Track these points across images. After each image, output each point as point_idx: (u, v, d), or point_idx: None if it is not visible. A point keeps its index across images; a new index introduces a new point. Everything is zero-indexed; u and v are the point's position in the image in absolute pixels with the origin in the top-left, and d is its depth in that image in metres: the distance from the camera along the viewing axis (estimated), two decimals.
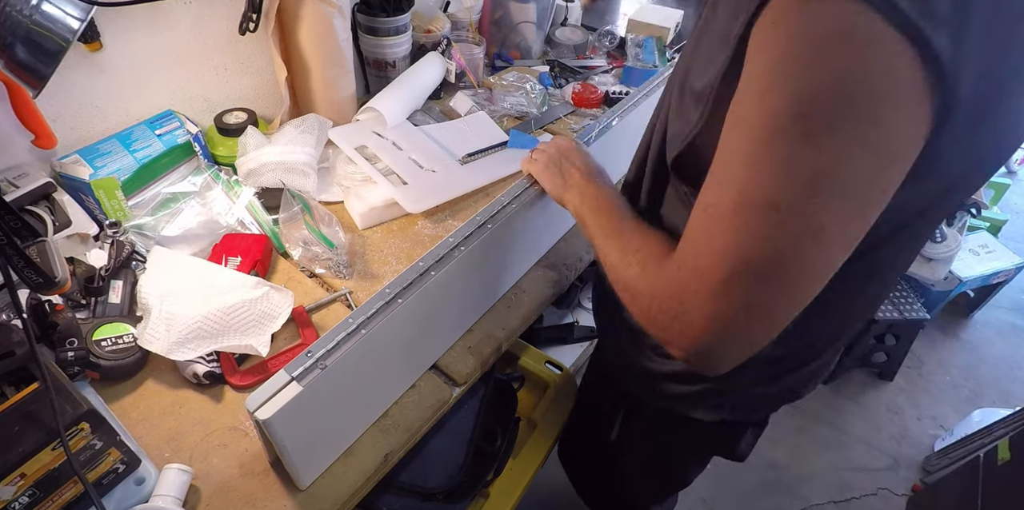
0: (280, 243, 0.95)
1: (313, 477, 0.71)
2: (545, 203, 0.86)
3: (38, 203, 0.85)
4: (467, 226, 0.76)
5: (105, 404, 0.74)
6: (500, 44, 1.45)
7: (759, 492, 1.71)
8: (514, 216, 0.80)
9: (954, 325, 2.23)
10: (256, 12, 0.95)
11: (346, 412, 0.71)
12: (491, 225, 0.77)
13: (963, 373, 2.08)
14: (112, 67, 0.90)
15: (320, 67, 1.04)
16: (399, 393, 0.81)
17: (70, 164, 0.88)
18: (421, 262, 0.70)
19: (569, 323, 1.67)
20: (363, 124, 1.11)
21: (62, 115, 0.88)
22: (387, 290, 0.66)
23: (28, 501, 0.59)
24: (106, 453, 0.63)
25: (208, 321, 0.75)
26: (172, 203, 0.96)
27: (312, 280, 0.93)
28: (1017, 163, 2.84)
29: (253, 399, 0.57)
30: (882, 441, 1.87)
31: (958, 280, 1.95)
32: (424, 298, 0.70)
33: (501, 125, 1.21)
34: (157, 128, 0.96)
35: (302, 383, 0.58)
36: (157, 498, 0.65)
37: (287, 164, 0.97)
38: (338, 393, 0.66)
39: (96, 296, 0.81)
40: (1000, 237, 2.16)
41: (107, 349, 0.75)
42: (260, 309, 0.80)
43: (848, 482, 1.75)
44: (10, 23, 0.65)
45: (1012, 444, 1.39)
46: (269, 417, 0.56)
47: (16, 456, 0.55)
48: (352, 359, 0.63)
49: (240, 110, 1.04)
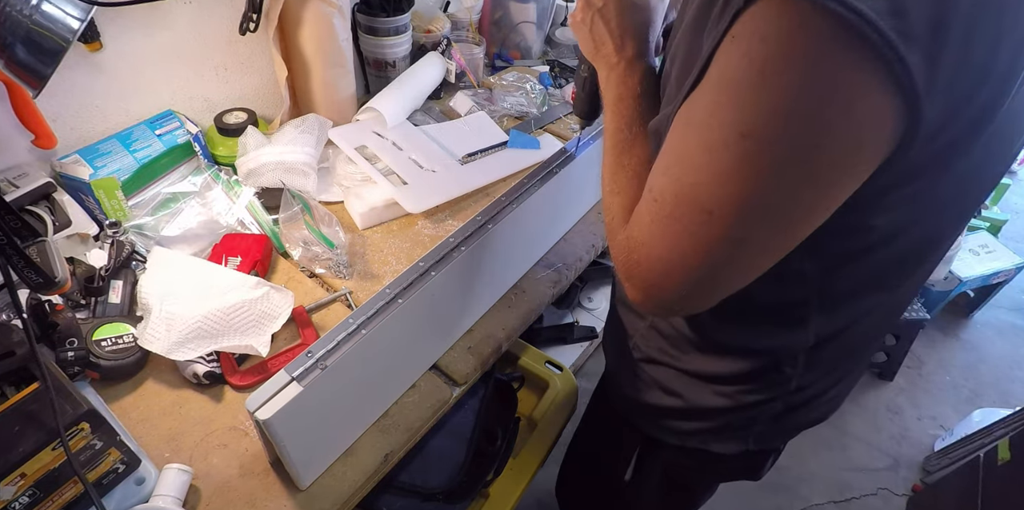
0: (280, 243, 0.95)
1: (313, 477, 0.71)
2: (545, 202, 0.86)
3: (38, 203, 0.85)
4: (467, 226, 0.76)
5: (105, 404, 0.74)
6: (500, 44, 1.45)
7: (759, 492, 1.70)
8: (514, 216, 0.80)
9: (954, 325, 2.23)
10: (256, 12, 0.95)
11: (346, 412, 0.71)
12: (491, 225, 0.77)
13: (963, 373, 2.08)
14: (112, 67, 0.90)
15: (320, 67, 1.04)
16: (399, 393, 0.81)
17: (70, 164, 0.88)
18: (421, 262, 0.70)
19: (569, 323, 1.67)
20: (363, 124, 1.11)
21: (62, 115, 0.88)
22: (387, 290, 0.66)
23: (28, 501, 0.59)
24: (106, 453, 0.63)
25: (208, 321, 0.75)
26: (172, 203, 0.96)
27: (312, 280, 0.93)
28: (1017, 163, 2.84)
29: (253, 399, 0.57)
30: (882, 441, 1.87)
31: (958, 280, 1.95)
32: (424, 298, 0.70)
33: (501, 125, 1.21)
34: (157, 128, 0.96)
35: (302, 383, 0.58)
36: (157, 498, 0.65)
37: (287, 164, 0.97)
38: (338, 393, 0.66)
39: (96, 296, 0.81)
40: (1000, 237, 2.16)
41: (107, 349, 0.75)
42: (260, 309, 0.80)
43: (848, 482, 1.75)
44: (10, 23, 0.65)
45: (1012, 444, 1.39)
46: (269, 417, 0.56)
47: (16, 456, 0.55)
48: (352, 359, 0.63)
49: (240, 110, 1.03)
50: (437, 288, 0.71)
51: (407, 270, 0.69)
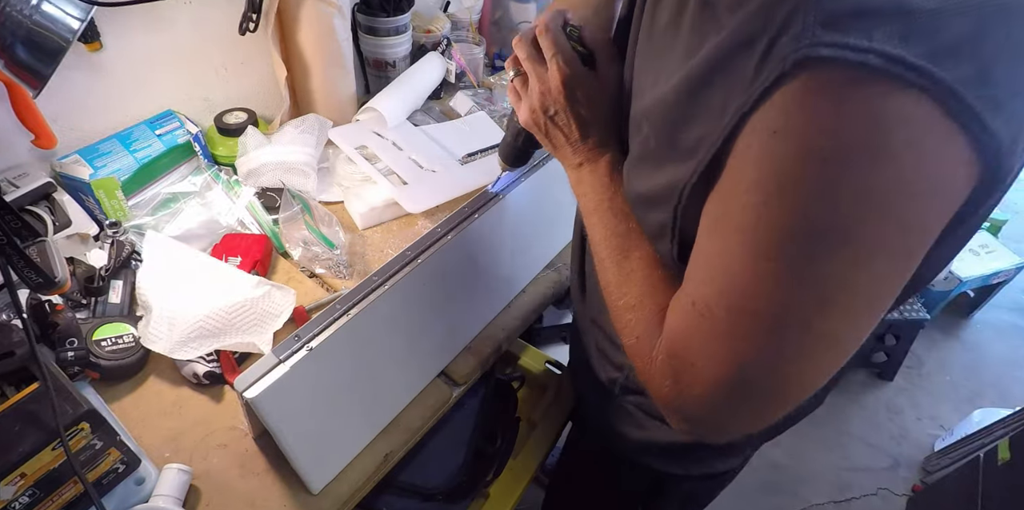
0: (280, 243, 0.95)
1: (323, 480, 0.71)
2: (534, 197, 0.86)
3: (38, 203, 0.85)
4: (455, 216, 0.77)
5: (105, 404, 0.74)
6: (500, 44, 1.45)
7: (759, 492, 1.71)
8: (503, 209, 0.81)
9: (954, 325, 2.23)
10: (256, 12, 0.95)
11: (345, 409, 0.71)
12: (477, 215, 0.78)
13: (963, 373, 2.08)
14: (112, 67, 0.90)
15: (320, 67, 1.04)
16: (406, 400, 0.81)
17: (70, 164, 0.88)
18: (408, 251, 0.71)
19: (569, 323, 1.67)
20: (363, 124, 1.11)
21: (62, 115, 0.88)
22: (374, 277, 0.68)
23: (28, 501, 0.59)
24: (106, 453, 0.63)
25: (210, 320, 0.75)
26: (172, 203, 0.96)
27: (312, 280, 0.93)
28: None
29: (242, 379, 0.58)
30: (882, 441, 1.87)
31: (958, 280, 1.96)
32: (413, 287, 0.71)
33: (501, 125, 1.21)
34: (157, 128, 0.96)
35: (288, 364, 0.60)
36: (157, 498, 0.65)
37: (287, 164, 0.97)
38: (329, 380, 0.66)
39: (96, 296, 0.81)
40: (1000, 237, 2.16)
41: (107, 349, 0.75)
42: (262, 308, 0.80)
43: (848, 482, 1.75)
44: (10, 23, 0.65)
45: (1012, 444, 1.39)
46: (256, 396, 0.57)
47: (16, 456, 0.55)
48: (339, 343, 0.64)
49: (240, 110, 1.04)
50: (423, 278, 0.72)
51: (394, 258, 0.70)
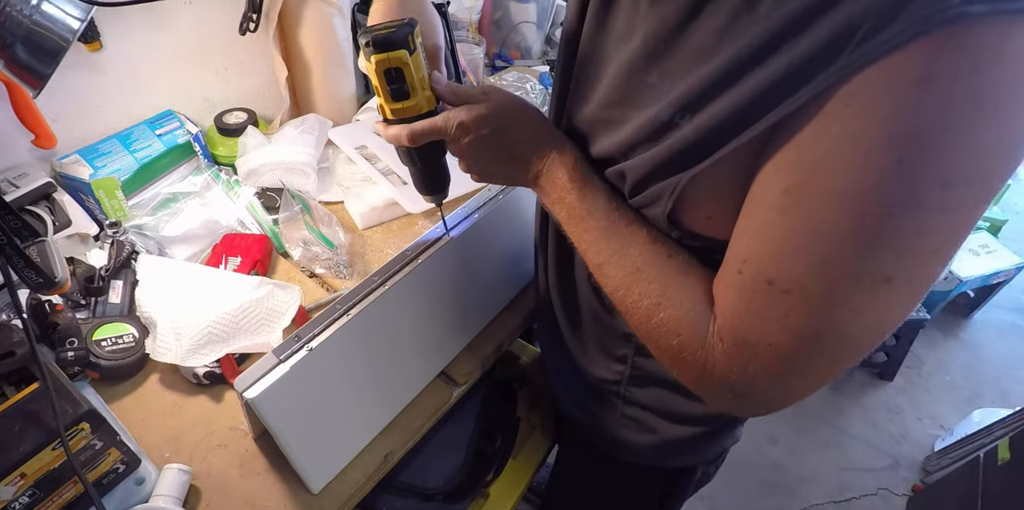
0: (280, 243, 0.95)
1: (323, 480, 0.71)
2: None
3: (38, 203, 0.85)
4: (453, 217, 0.77)
5: (105, 404, 0.74)
6: (500, 44, 1.45)
7: (759, 492, 1.71)
8: (505, 208, 0.81)
9: (954, 325, 2.23)
10: (256, 12, 0.95)
11: (344, 409, 0.71)
12: (477, 215, 0.78)
13: (963, 373, 2.08)
14: (112, 67, 0.90)
15: (320, 67, 1.04)
16: (406, 400, 0.81)
17: (70, 164, 0.88)
18: (408, 251, 0.71)
19: None
20: (363, 124, 1.11)
21: (62, 115, 0.88)
22: (375, 277, 0.68)
23: (28, 501, 0.59)
24: (106, 453, 0.63)
25: (218, 325, 0.75)
26: (172, 203, 0.96)
27: (312, 280, 0.93)
28: None
29: (242, 380, 0.58)
30: (882, 441, 1.87)
31: (958, 280, 1.96)
32: (414, 287, 0.71)
33: None
34: (157, 128, 0.96)
35: (288, 364, 0.60)
36: (157, 498, 0.65)
37: (287, 164, 0.97)
38: (330, 381, 0.66)
39: (96, 296, 0.81)
40: (1000, 237, 2.16)
41: (107, 349, 0.75)
42: (267, 307, 0.79)
43: (848, 482, 1.75)
44: (10, 23, 0.65)
45: (1012, 444, 1.39)
46: (256, 396, 0.57)
47: (16, 456, 0.55)
48: (339, 343, 0.64)
49: (240, 110, 1.04)
50: (423, 278, 0.72)
51: (394, 258, 0.70)
